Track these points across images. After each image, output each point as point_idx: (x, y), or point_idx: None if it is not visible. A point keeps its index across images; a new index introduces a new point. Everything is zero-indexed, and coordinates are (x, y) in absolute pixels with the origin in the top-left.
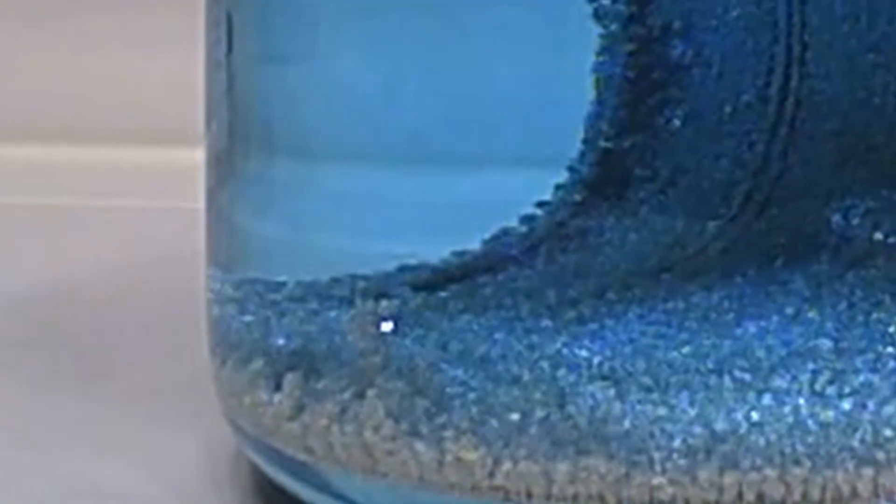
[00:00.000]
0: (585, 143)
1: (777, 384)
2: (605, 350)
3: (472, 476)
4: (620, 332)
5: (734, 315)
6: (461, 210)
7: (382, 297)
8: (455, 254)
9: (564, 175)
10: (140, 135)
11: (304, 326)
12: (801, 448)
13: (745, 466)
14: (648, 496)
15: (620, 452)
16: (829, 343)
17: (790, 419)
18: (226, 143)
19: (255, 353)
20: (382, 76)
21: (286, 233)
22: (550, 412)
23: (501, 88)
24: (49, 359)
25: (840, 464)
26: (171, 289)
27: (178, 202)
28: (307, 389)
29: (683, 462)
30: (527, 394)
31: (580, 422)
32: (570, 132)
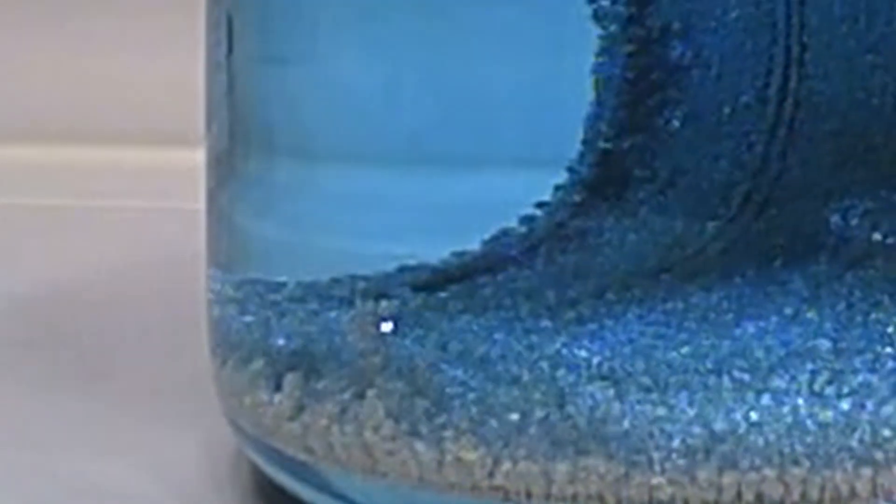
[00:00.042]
0: (585, 144)
1: (776, 384)
2: (605, 350)
3: (472, 476)
4: (620, 333)
5: (733, 315)
6: (461, 211)
7: (382, 298)
8: (455, 254)
9: (564, 176)
10: (141, 136)
11: (305, 327)
12: (800, 448)
13: (744, 466)
14: (647, 496)
15: (620, 452)
16: (828, 343)
17: (789, 419)
18: (226, 144)
19: (256, 354)
20: (382, 77)
21: (286, 233)
22: (550, 412)
23: (501, 89)
24: (50, 359)
25: (839, 464)
26: (172, 289)
27: (179, 203)
28: (307, 389)
29: (682, 462)
30: (526, 394)
31: (579, 422)
32: (570, 133)
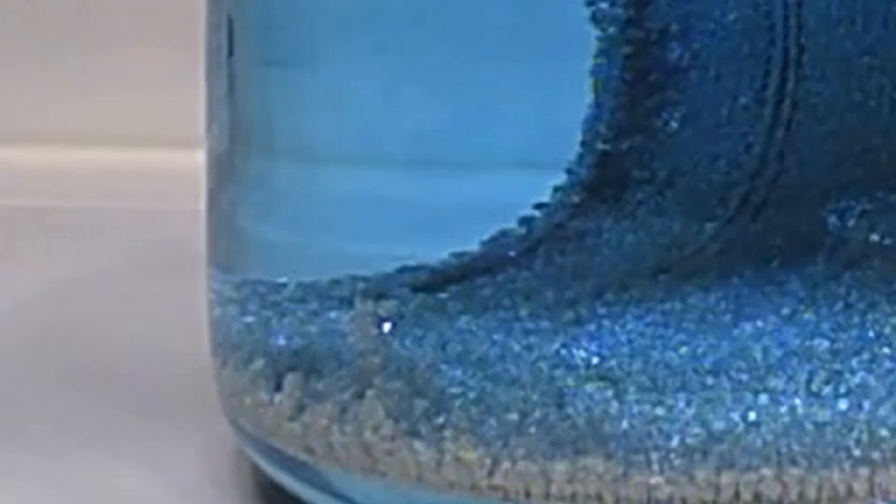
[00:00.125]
0: (583, 146)
1: (774, 384)
2: (603, 351)
3: (471, 475)
4: (618, 333)
5: (731, 316)
6: (460, 212)
7: (382, 298)
8: (454, 255)
9: (563, 177)
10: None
11: (305, 327)
12: (798, 448)
13: (742, 466)
14: (646, 496)
15: (618, 452)
16: (826, 343)
17: (787, 419)
18: (226, 146)
19: (256, 354)
20: (382, 79)
21: (287, 234)
22: (549, 412)
23: (500, 91)
24: (50, 360)
25: (836, 463)
26: (172, 290)
27: (179, 204)
28: (307, 390)
29: (681, 462)
30: (525, 394)
31: (578, 422)
32: (569, 134)
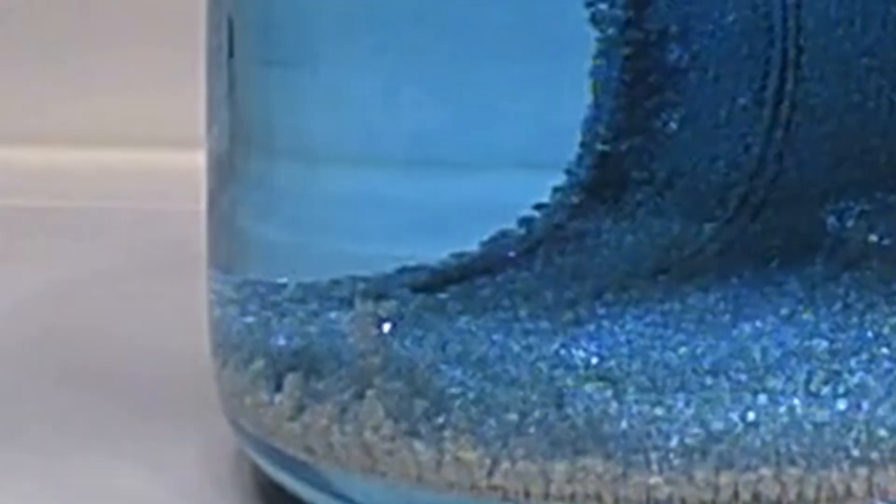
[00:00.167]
0: (583, 147)
1: (772, 384)
2: (603, 351)
3: (471, 475)
4: (617, 334)
5: (730, 316)
6: (460, 212)
7: (382, 299)
8: (454, 256)
9: (562, 178)
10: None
11: (305, 327)
12: (797, 448)
13: (741, 466)
14: (645, 496)
15: (617, 452)
16: (824, 344)
17: (785, 419)
18: (227, 146)
19: (256, 354)
20: (382, 80)
21: (287, 235)
22: (548, 412)
23: (500, 92)
24: (50, 360)
25: (835, 463)
26: (173, 290)
27: (180, 204)
28: (307, 390)
29: (680, 462)
30: (525, 394)
31: (578, 422)
32: (568, 135)
